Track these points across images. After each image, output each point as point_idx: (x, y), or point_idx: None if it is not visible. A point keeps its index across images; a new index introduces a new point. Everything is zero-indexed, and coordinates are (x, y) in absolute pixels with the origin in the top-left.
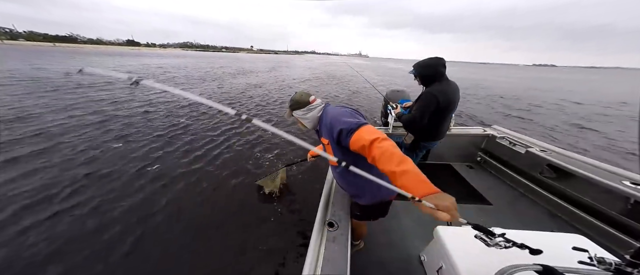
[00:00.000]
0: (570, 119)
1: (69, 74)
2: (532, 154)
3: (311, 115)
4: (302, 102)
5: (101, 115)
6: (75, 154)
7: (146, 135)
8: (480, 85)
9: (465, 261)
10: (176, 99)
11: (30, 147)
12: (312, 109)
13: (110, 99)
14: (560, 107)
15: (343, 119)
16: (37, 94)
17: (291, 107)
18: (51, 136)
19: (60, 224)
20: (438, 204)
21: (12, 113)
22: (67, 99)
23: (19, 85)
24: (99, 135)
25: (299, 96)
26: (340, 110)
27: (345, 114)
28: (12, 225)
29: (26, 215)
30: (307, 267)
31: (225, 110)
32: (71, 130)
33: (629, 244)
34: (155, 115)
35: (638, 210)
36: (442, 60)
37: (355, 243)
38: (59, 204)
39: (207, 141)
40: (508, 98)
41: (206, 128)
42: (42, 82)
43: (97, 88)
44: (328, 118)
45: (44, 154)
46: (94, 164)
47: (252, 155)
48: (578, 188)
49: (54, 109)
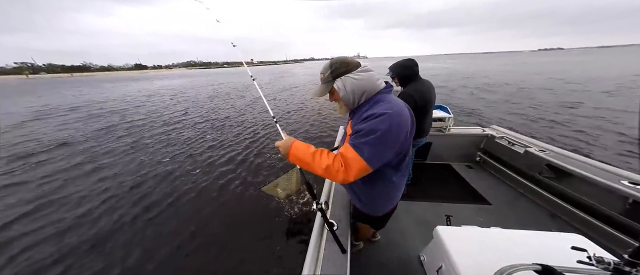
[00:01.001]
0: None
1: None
2: (531, 153)
3: (361, 85)
4: (352, 63)
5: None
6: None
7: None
8: (468, 76)
9: (465, 261)
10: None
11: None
12: (366, 76)
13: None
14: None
15: (374, 121)
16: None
17: (335, 71)
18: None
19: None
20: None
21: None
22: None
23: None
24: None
25: (342, 58)
26: (398, 110)
27: (387, 119)
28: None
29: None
30: (307, 267)
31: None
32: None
33: (628, 244)
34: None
35: (637, 209)
36: (415, 62)
37: (356, 243)
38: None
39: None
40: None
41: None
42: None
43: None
44: (374, 109)
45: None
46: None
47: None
48: (577, 188)
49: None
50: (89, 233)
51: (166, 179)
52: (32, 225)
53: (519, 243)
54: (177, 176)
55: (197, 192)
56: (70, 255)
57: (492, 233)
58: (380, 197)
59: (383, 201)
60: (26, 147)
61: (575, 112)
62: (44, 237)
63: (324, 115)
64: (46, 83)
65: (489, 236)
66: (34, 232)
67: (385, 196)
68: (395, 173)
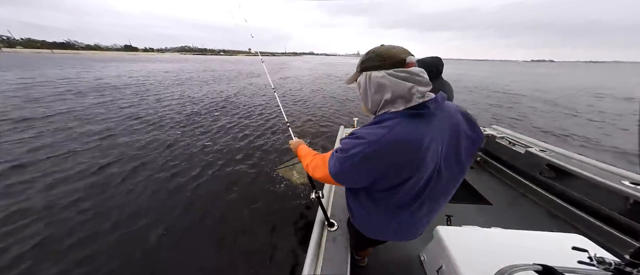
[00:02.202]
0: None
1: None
2: (531, 153)
3: (382, 88)
4: (392, 58)
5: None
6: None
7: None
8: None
9: (465, 261)
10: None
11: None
12: (394, 81)
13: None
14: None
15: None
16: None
17: (365, 62)
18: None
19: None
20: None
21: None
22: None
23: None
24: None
25: (384, 50)
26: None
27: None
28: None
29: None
30: (307, 267)
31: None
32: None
33: (629, 244)
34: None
35: (638, 210)
36: (440, 60)
37: (358, 258)
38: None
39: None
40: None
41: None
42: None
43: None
44: (368, 127)
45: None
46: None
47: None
48: (578, 188)
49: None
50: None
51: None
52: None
53: (519, 243)
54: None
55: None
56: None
57: (493, 233)
58: (371, 217)
59: (374, 225)
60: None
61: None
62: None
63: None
64: (23, 58)
65: (489, 236)
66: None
67: (376, 219)
68: (393, 203)
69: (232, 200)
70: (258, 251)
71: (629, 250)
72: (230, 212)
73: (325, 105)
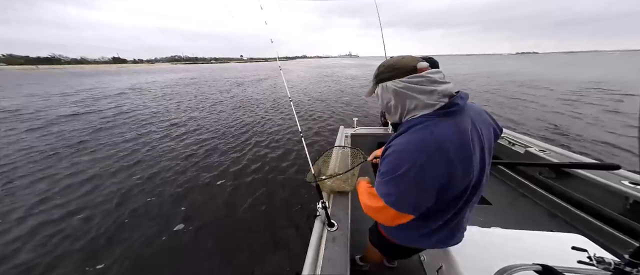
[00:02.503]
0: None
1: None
2: (531, 153)
3: (400, 95)
4: (403, 68)
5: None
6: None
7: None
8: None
9: (465, 261)
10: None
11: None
12: (410, 86)
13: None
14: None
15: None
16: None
17: (379, 75)
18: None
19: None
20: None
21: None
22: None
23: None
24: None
25: (393, 61)
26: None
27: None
28: None
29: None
30: (307, 267)
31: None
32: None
33: (629, 244)
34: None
35: (637, 210)
36: (434, 60)
37: (361, 264)
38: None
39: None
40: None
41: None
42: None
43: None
44: (399, 138)
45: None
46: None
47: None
48: (577, 188)
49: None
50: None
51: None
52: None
53: (519, 243)
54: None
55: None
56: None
57: (492, 233)
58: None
59: (408, 233)
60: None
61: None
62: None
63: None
64: (7, 76)
65: (489, 236)
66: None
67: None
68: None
69: (231, 201)
70: (258, 251)
71: (629, 250)
72: (231, 212)
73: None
